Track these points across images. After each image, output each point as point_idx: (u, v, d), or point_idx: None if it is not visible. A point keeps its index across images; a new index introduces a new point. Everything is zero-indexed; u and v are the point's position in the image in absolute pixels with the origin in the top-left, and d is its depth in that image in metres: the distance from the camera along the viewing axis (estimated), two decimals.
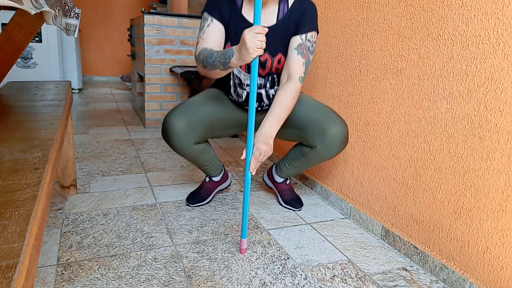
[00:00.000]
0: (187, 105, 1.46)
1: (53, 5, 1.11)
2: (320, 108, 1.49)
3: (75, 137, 2.63)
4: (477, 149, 1.11)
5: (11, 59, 1.32)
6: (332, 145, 1.42)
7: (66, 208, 1.57)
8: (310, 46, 1.39)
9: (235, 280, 1.17)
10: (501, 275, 1.06)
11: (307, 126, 1.45)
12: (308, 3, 1.40)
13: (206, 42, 1.36)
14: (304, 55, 1.36)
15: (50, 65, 4.04)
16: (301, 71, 1.36)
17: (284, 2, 1.40)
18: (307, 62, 1.38)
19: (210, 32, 1.37)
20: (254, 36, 1.10)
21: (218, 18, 1.38)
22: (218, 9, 1.38)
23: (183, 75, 2.65)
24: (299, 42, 1.37)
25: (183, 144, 1.43)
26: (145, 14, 2.82)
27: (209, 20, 1.38)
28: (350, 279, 1.22)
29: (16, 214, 0.56)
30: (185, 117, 1.42)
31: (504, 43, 1.02)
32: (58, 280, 1.12)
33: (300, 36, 1.37)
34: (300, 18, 1.38)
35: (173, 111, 1.44)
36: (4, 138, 0.90)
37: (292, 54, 1.37)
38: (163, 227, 1.46)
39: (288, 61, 1.38)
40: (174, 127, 1.40)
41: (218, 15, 1.38)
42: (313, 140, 1.45)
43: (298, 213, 1.67)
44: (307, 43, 1.37)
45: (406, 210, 1.38)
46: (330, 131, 1.41)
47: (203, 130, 1.46)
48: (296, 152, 1.57)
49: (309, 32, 1.38)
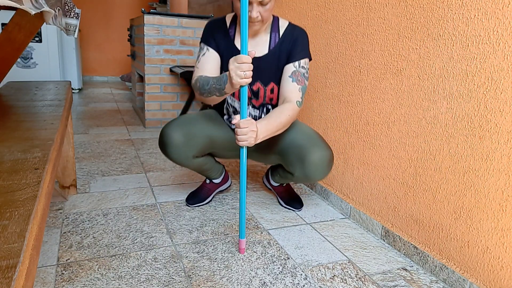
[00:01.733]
0: (184, 119, 1.46)
1: (53, 5, 1.11)
2: (306, 133, 1.44)
3: (75, 137, 2.63)
4: (477, 149, 1.11)
5: (11, 59, 1.32)
6: (312, 173, 1.37)
7: (66, 208, 1.57)
8: (305, 72, 1.38)
9: (235, 280, 1.17)
10: (501, 275, 1.06)
11: (288, 153, 1.43)
12: (299, 31, 1.41)
13: (202, 70, 1.38)
14: (300, 81, 1.36)
15: (50, 65, 4.04)
16: (298, 96, 1.35)
17: (275, 32, 1.40)
18: (303, 88, 1.37)
19: (206, 61, 1.39)
20: (237, 67, 1.11)
21: (214, 47, 1.40)
22: (213, 38, 1.40)
23: (183, 75, 2.65)
24: (293, 69, 1.37)
25: (181, 157, 1.43)
26: (145, 14, 2.82)
27: (204, 50, 1.41)
28: (350, 279, 1.22)
29: (16, 214, 0.56)
30: (183, 129, 1.41)
31: (504, 43, 1.02)
32: (58, 280, 1.12)
33: (293, 63, 1.37)
34: (292, 46, 1.38)
35: (171, 124, 1.43)
36: (4, 138, 0.90)
37: (287, 82, 1.37)
38: (163, 227, 1.46)
39: (283, 88, 1.38)
40: (172, 138, 1.39)
41: (214, 44, 1.40)
42: (293, 167, 1.42)
43: (298, 213, 1.67)
44: (301, 69, 1.37)
45: (406, 210, 1.38)
46: (309, 159, 1.35)
47: (202, 144, 1.45)
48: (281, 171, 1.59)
49: (302, 59, 1.38)
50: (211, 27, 1.42)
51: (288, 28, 1.41)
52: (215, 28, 1.41)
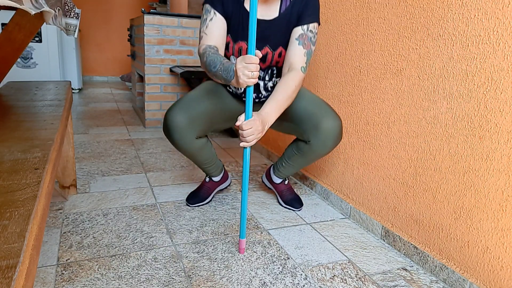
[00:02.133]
0: (186, 100, 1.46)
1: (53, 5, 1.11)
2: (316, 102, 1.47)
3: (75, 137, 2.63)
4: (477, 149, 1.11)
5: (11, 59, 1.32)
6: (326, 140, 1.41)
7: (66, 208, 1.57)
8: (312, 36, 1.36)
9: (235, 280, 1.17)
10: (501, 275, 1.06)
11: (302, 121, 1.45)
12: None
13: (210, 38, 1.34)
14: (306, 45, 1.35)
15: (50, 65, 4.04)
16: (302, 61, 1.34)
17: None
18: (308, 53, 1.36)
19: (213, 27, 1.35)
20: (245, 67, 1.10)
21: (220, 11, 1.35)
22: (220, 1, 1.35)
23: (183, 75, 2.65)
24: (300, 32, 1.35)
25: (184, 139, 1.43)
26: (145, 14, 2.82)
27: (211, 13, 1.35)
28: (350, 279, 1.22)
29: (16, 214, 0.56)
30: (186, 112, 1.41)
31: (504, 43, 1.02)
32: (58, 280, 1.12)
33: (302, 26, 1.35)
34: (302, 9, 1.36)
35: (173, 107, 1.43)
36: (4, 138, 0.90)
37: (293, 45, 1.35)
38: (163, 227, 1.46)
39: (289, 52, 1.37)
40: (176, 122, 1.40)
41: (221, 7, 1.35)
42: (307, 134, 1.44)
43: (298, 213, 1.67)
44: (309, 33, 1.36)
45: (406, 210, 1.38)
46: (323, 125, 1.39)
47: (204, 123, 1.46)
48: (293, 148, 1.57)
49: (311, 23, 1.36)
50: None
51: None
52: None
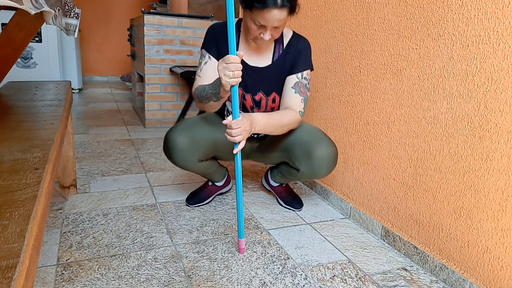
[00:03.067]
0: (188, 123, 1.46)
1: (53, 5, 1.12)
2: (310, 130, 1.47)
3: (75, 137, 2.63)
4: (477, 149, 1.11)
5: (11, 59, 1.32)
6: (318, 169, 1.40)
7: (66, 208, 1.57)
8: (307, 83, 1.39)
9: (235, 280, 1.17)
10: (501, 275, 1.06)
11: (294, 148, 1.44)
12: (303, 42, 1.41)
13: (203, 79, 1.37)
14: (302, 92, 1.37)
15: (50, 65, 4.04)
16: (300, 106, 1.37)
17: (279, 43, 1.40)
18: (305, 99, 1.38)
19: (207, 69, 1.38)
20: (225, 67, 1.11)
21: (215, 55, 1.39)
22: (215, 46, 1.39)
23: (183, 75, 2.65)
24: (296, 80, 1.37)
25: (186, 161, 1.42)
26: (145, 14, 2.82)
27: (206, 58, 1.39)
28: (350, 279, 1.22)
29: (16, 214, 0.56)
30: (188, 133, 1.41)
31: (504, 43, 1.02)
32: (58, 280, 1.12)
33: (296, 75, 1.38)
34: (296, 57, 1.38)
35: (175, 128, 1.43)
36: (4, 138, 0.90)
37: (289, 93, 1.38)
38: (163, 227, 1.46)
39: (285, 99, 1.39)
40: (177, 143, 1.39)
41: (215, 52, 1.39)
42: (299, 162, 1.44)
43: (298, 213, 1.67)
44: (304, 81, 1.38)
45: (406, 210, 1.38)
46: (316, 154, 1.38)
47: (206, 147, 1.45)
48: (285, 169, 1.58)
49: (305, 71, 1.39)
50: (213, 34, 1.39)
51: (292, 39, 1.41)
52: (218, 35, 1.38)
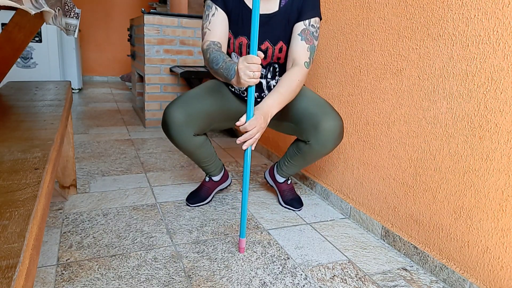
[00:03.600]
0: (186, 97, 1.46)
1: (53, 5, 1.12)
2: (317, 101, 1.47)
3: (75, 137, 2.63)
4: (477, 149, 1.11)
5: (11, 59, 1.32)
6: (326, 141, 1.41)
7: (66, 208, 1.57)
8: (314, 31, 1.36)
9: (235, 280, 1.17)
10: (501, 275, 1.06)
11: (302, 120, 1.44)
12: None
13: (213, 33, 1.35)
14: (308, 40, 1.34)
15: (50, 65, 4.04)
16: (306, 56, 1.34)
17: None
18: (311, 48, 1.35)
19: (216, 22, 1.35)
20: (247, 67, 1.10)
21: (222, 7, 1.36)
22: None
23: (183, 75, 2.65)
24: (303, 27, 1.34)
25: (182, 135, 1.43)
26: (145, 14, 2.82)
27: (213, 9, 1.36)
28: (350, 279, 1.22)
29: (16, 214, 0.56)
30: (185, 109, 1.41)
31: (504, 43, 1.02)
32: (58, 280, 1.12)
33: (304, 22, 1.35)
34: (302, 4, 1.35)
35: (173, 103, 1.44)
36: (4, 138, 0.90)
37: (296, 41, 1.35)
38: (163, 227, 1.46)
39: (292, 47, 1.36)
40: (174, 118, 1.40)
41: (222, 2, 1.36)
42: (307, 135, 1.44)
43: (298, 213, 1.67)
44: (311, 28, 1.35)
45: (406, 210, 1.38)
46: (323, 126, 1.39)
47: (202, 121, 1.46)
48: (293, 148, 1.57)
49: (313, 18, 1.36)
50: None
51: None
52: None
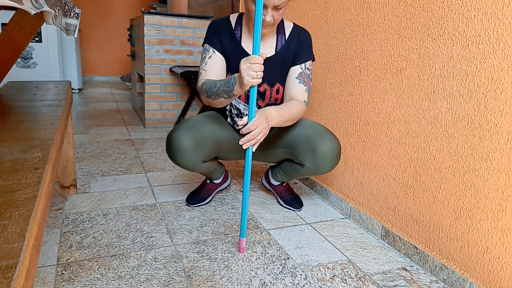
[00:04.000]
0: (190, 123, 1.43)
1: (53, 5, 1.12)
2: (312, 125, 1.48)
3: (75, 137, 2.63)
4: (477, 149, 1.11)
5: (11, 59, 1.32)
6: (323, 163, 1.41)
7: (66, 208, 1.57)
8: (309, 74, 1.42)
9: (235, 280, 1.17)
10: (501, 275, 1.06)
11: (298, 143, 1.45)
12: (304, 34, 1.44)
13: (209, 73, 1.36)
14: (306, 83, 1.40)
15: (50, 65, 4.04)
16: (305, 96, 1.39)
17: (281, 34, 1.42)
18: (308, 89, 1.41)
19: (213, 63, 1.38)
20: (249, 67, 1.11)
21: (219, 49, 1.39)
22: (218, 40, 1.39)
23: (183, 75, 2.65)
24: (300, 71, 1.40)
25: (190, 162, 1.40)
26: (145, 14, 2.82)
27: (210, 52, 1.39)
28: (350, 279, 1.22)
29: (16, 214, 0.56)
30: (192, 133, 1.38)
31: (504, 43, 1.02)
32: (58, 280, 1.12)
33: (300, 65, 1.40)
34: (298, 48, 1.41)
35: (178, 128, 1.40)
36: (4, 138, 0.90)
37: (294, 84, 1.40)
38: (163, 227, 1.46)
39: (289, 89, 1.40)
40: (181, 143, 1.36)
41: (219, 46, 1.39)
42: (303, 158, 1.44)
43: (298, 213, 1.67)
44: (307, 71, 1.41)
45: (406, 210, 1.38)
46: (320, 148, 1.39)
47: (211, 147, 1.44)
48: (289, 166, 1.58)
49: (307, 61, 1.42)
50: (216, 28, 1.40)
51: (293, 30, 1.44)
52: (220, 29, 1.40)
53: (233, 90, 1.21)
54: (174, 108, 3.10)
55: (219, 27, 1.40)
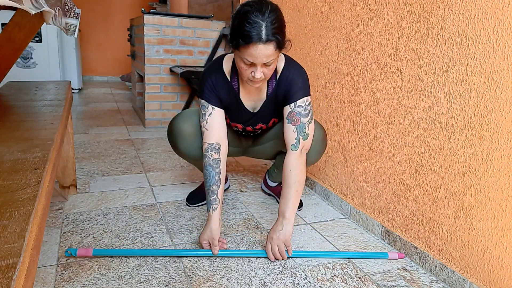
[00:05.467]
0: (191, 111, 1.46)
1: (53, 5, 1.12)
2: None
3: (75, 137, 2.63)
4: (477, 149, 1.11)
5: (11, 59, 1.32)
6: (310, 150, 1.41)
7: (66, 208, 1.57)
8: (302, 110, 1.35)
9: (235, 280, 1.17)
10: (501, 275, 1.06)
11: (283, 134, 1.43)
12: (293, 73, 1.35)
13: (211, 134, 1.33)
14: (295, 121, 1.34)
15: (50, 65, 4.04)
16: (292, 137, 1.34)
17: (273, 78, 1.36)
18: (298, 128, 1.35)
19: (213, 121, 1.34)
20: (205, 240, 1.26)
21: (218, 105, 1.35)
22: (216, 96, 1.35)
23: (183, 75, 2.65)
24: (289, 110, 1.35)
25: (191, 148, 1.43)
26: (145, 14, 2.82)
27: (209, 109, 1.34)
28: (350, 279, 1.22)
29: (16, 214, 0.56)
30: (193, 121, 1.41)
31: (504, 43, 1.02)
32: (58, 280, 1.12)
33: (290, 105, 1.35)
34: (287, 89, 1.35)
35: (179, 116, 1.43)
36: (4, 138, 0.90)
37: (284, 124, 1.37)
38: (163, 227, 1.46)
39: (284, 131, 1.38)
40: (182, 129, 1.39)
41: (217, 101, 1.35)
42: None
43: (298, 213, 1.67)
44: (297, 109, 1.35)
45: (406, 210, 1.38)
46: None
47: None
48: (279, 161, 1.59)
49: (298, 100, 1.35)
50: (213, 86, 1.34)
51: (283, 70, 1.36)
52: (217, 84, 1.35)
53: (207, 211, 1.29)
54: (174, 108, 3.10)
55: (215, 84, 1.35)
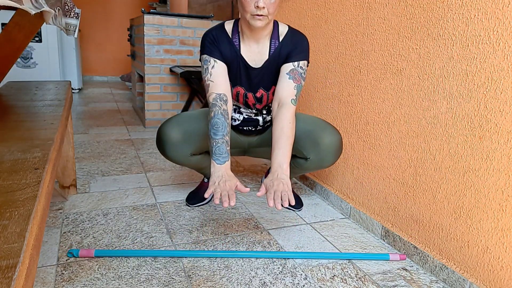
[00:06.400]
0: (182, 117, 1.46)
1: (53, 5, 1.12)
2: (313, 120, 1.49)
3: (75, 137, 2.63)
4: (477, 149, 1.11)
5: (11, 59, 1.32)
6: (326, 155, 1.43)
7: (66, 208, 1.57)
8: (302, 73, 1.35)
9: (235, 280, 1.17)
10: (501, 275, 1.06)
11: (300, 139, 1.45)
12: (299, 36, 1.38)
13: (217, 85, 1.32)
14: (296, 79, 1.33)
15: (50, 65, 4.04)
16: (292, 94, 1.33)
17: (275, 38, 1.38)
18: (298, 87, 1.34)
19: (217, 73, 1.33)
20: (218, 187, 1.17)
21: (220, 58, 1.35)
22: (218, 50, 1.35)
23: (183, 75, 2.65)
24: (291, 67, 1.34)
25: (178, 155, 1.44)
26: (145, 14, 2.82)
27: (212, 62, 1.34)
28: (350, 279, 1.22)
29: (16, 214, 0.56)
30: (181, 127, 1.41)
31: (504, 43, 1.02)
32: (58, 280, 1.12)
33: (292, 63, 1.35)
34: (291, 49, 1.36)
35: (168, 122, 1.44)
36: (4, 138, 0.90)
37: (283, 79, 1.34)
38: (163, 227, 1.46)
39: (279, 86, 1.35)
40: (170, 137, 1.40)
41: (219, 55, 1.35)
42: (307, 151, 1.45)
43: (298, 213, 1.67)
44: (299, 69, 1.35)
45: (406, 210, 1.38)
46: (323, 141, 1.41)
47: (200, 141, 1.45)
48: (291, 162, 1.56)
49: (301, 61, 1.36)
50: (213, 39, 1.35)
51: (287, 33, 1.39)
52: (218, 39, 1.35)
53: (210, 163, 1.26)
54: (174, 108, 3.10)
55: (216, 38, 1.35)
